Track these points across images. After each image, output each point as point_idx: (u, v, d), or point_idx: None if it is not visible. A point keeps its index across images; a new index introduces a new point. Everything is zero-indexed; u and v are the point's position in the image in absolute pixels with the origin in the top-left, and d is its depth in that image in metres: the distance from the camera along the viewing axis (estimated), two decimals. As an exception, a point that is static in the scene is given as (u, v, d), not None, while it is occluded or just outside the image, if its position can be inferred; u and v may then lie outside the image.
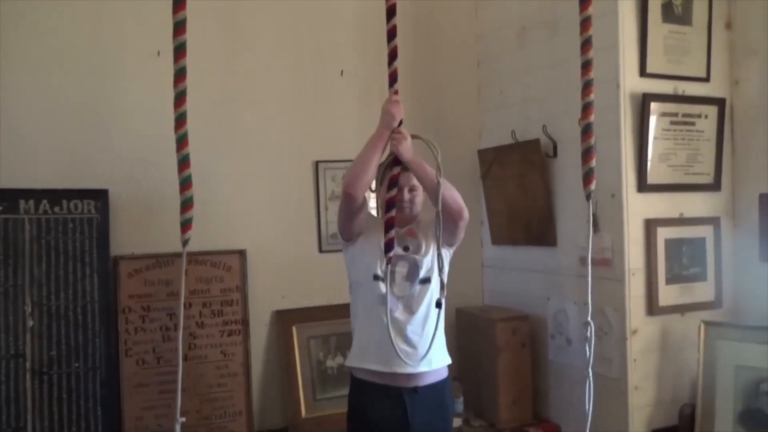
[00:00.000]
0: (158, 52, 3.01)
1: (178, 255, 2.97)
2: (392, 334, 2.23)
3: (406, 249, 2.40)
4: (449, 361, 2.46)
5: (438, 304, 2.25)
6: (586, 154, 1.95)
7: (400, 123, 2.28)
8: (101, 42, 2.98)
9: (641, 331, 2.80)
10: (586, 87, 1.97)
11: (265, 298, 3.22)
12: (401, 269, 2.37)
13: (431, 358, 2.34)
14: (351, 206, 2.31)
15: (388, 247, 2.12)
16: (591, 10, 1.95)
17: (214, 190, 3.08)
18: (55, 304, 2.76)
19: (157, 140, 3.00)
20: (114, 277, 2.90)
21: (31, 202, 2.76)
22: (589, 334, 1.92)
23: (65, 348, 2.75)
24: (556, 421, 3.20)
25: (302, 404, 3.16)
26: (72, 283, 2.80)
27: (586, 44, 1.97)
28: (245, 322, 3.12)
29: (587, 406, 1.87)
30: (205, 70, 2.99)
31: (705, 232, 2.96)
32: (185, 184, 1.83)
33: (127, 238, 2.97)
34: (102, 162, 2.95)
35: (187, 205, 1.81)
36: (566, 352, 3.12)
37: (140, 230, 3.00)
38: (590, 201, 1.94)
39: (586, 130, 1.96)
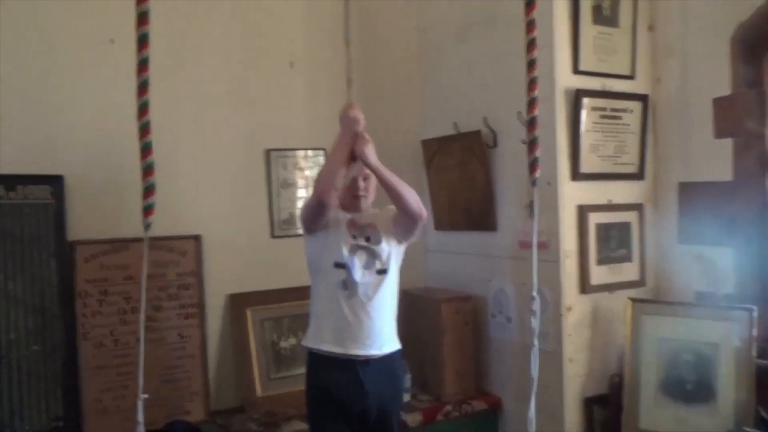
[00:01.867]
0: (112, 40, 3.05)
1: (134, 240, 3.06)
2: (349, 319, 2.44)
3: (367, 239, 2.55)
4: (399, 347, 2.64)
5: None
6: (532, 144, 2.15)
7: None
8: (54, 29, 2.98)
9: (575, 308, 3.04)
10: (532, 84, 2.16)
11: (220, 282, 3.32)
12: (360, 258, 2.53)
13: (382, 343, 2.53)
14: (322, 210, 2.48)
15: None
16: (535, 13, 2.15)
17: (169, 177, 3.11)
18: (13, 288, 2.78)
19: (112, 127, 3.05)
20: (71, 262, 2.93)
21: (-14, 187, 2.77)
22: (534, 306, 2.13)
23: (24, 331, 2.78)
24: (497, 393, 3.43)
25: (257, 384, 3.27)
26: (29, 267, 2.82)
27: (531, 45, 2.16)
28: (201, 305, 3.21)
29: (533, 372, 2.08)
30: (157, 62, 3.01)
31: (630, 217, 3.22)
32: (148, 170, 1.88)
33: (84, 223, 3.00)
34: (57, 148, 2.96)
35: (149, 190, 1.86)
36: (506, 329, 3.34)
37: (96, 215, 3.03)
38: (535, 187, 2.15)
39: (532, 123, 2.16)
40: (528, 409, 2.07)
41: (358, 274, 2.51)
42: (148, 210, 1.83)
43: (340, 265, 2.51)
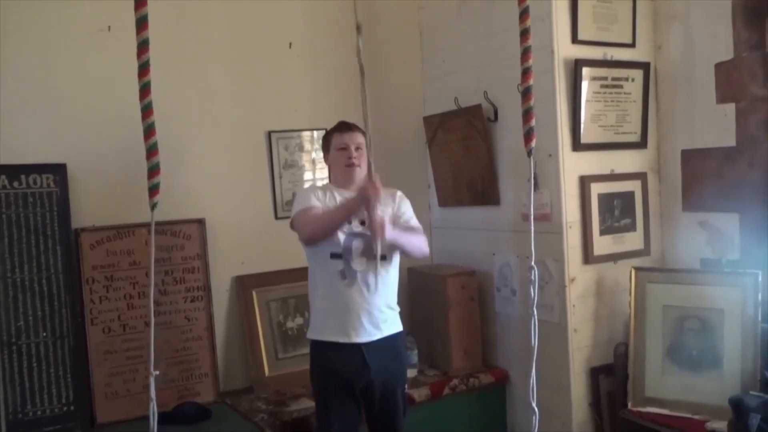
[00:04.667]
0: (109, 27, 3.06)
1: (139, 225, 3.09)
2: (350, 307, 2.47)
3: (362, 223, 2.53)
4: (401, 329, 2.67)
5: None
6: (527, 114, 2.13)
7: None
8: (53, 17, 2.97)
9: (578, 278, 3.04)
10: (525, 53, 2.14)
11: (225, 264, 3.33)
12: (357, 245, 2.52)
13: (385, 327, 2.56)
14: (310, 244, 2.56)
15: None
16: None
17: (172, 161, 3.10)
18: (20, 276, 2.81)
19: (113, 114, 3.07)
20: (76, 249, 2.96)
21: (-10, 178, 2.80)
22: (533, 277, 2.12)
23: (32, 319, 2.81)
24: (504, 366, 3.44)
25: (265, 364, 3.30)
26: (35, 255, 2.85)
27: (524, 14, 2.13)
28: (207, 288, 3.22)
29: (533, 341, 2.08)
30: (157, 45, 3.01)
31: (633, 186, 3.21)
32: (152, 150, 1.89)
33: (88, 210, 3.02)
34: (59, 137, 2.97)
35: (154, 170, 1.86)
36: (511, 302, 3.35)
37: (100, 202, 3.05)
38: (531, 158, 2.13)
39: (526, 93, 2.13)
40: (530, 377, 2.08)
41: (356, 262, 2.51)
42: (153, 190, 1.84)
43: (337, 255, 2.52)
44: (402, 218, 2.68)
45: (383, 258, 2.52)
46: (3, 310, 2.76)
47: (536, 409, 2.00)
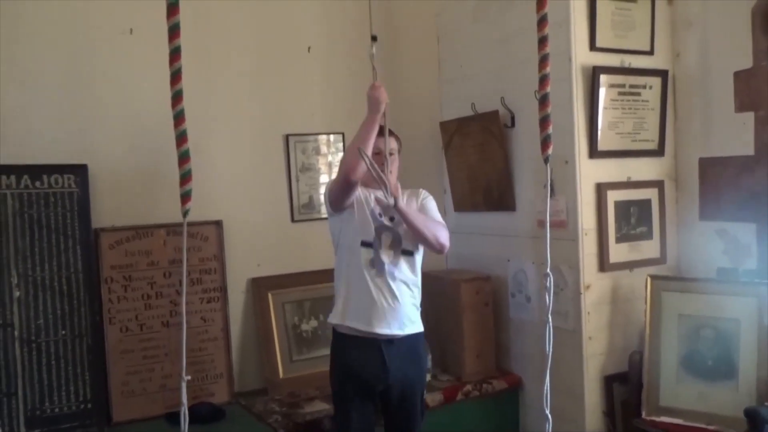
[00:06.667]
0: (131, 30, 3.10)
1: (157, 226, 3.13)
2: (375, 297, 2.48)
3: (391, 219, 2.57)
4: (422, 329, 2.68)
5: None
6: (544, 121, 2.14)
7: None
8: (74, 20, 3.02)
9: (594, 286, 3.04)
10: (543, 61, 2.14)
11: (242, 266, 3.36)
12: (386, 239, 2.56)
13: (406, 324, 2.57)
14: (350, 189, 2.50)
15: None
16: (546, -11, 2.13)
17: (191, 164, 3.18)
18: (40, 275, 2.85)
19: (134, 116, 3.12)
20: (96, 249, 3.00)
21: (13, 177, 2.83)
22: (548, 284, 2.13)
23: (52, 317, 2.85)
24: (517, 372, 3.44)
25: (279, 366, 3.32)
26: (56, 254, 2.89)
27: (542, 21, 2.14)
28: (223, 289, 3.26)
29: (548, 349, 2.08)
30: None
31: (650, 194, 3.20)
32: (184, 158, 1.88)
33: (108, 210, 3.06)
34: (81, 138, 3.02)
35: (186, 178, 1.86)
36: (526, 308, 3.35)
37: (120, 203, 3.09)
38: (548, 165, 2.14)
39: (544, 100, 2.14)
40: (543, 384, 2.08)
41: (384, 254, 2.54)
42: (185, 197, 1.84)
43: (368, 244, 2.54)
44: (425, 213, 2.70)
45: (408, 252, 2.57)
46: (23, 307, 2.80)
47: (549, 416, 2.00)
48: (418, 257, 2.65)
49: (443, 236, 2.61)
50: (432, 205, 2.75)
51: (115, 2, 3.07)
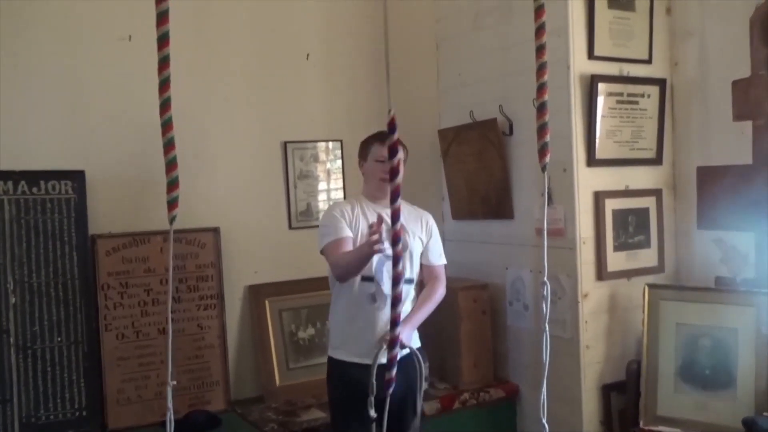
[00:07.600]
0: (129, 37, 3.10)
1: (154, 233, 3.11)
2: (377, 330, 2.49)
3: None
4: (419, 344, 2.70)
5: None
6: (542, 129, 2.13)
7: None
8: (72, 26, 3.02)
9: (591, 294, 3.03)
10: (541, 69, 2.14)
11: (239, 273, 3.36)
12: (389, 269, 2.50)
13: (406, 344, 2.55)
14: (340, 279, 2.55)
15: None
16: (546, -2, 2.13)
17: (188, 170, 3.11)
18: (36, 281, 2.84)
19: (132, 122, 3.11)
20: (92, 255, 2.99)
21: (10, 183, 2.82)
22: (546, 292, 2.12)
23: (47, 323, 2.84)
24: (515, 381, 3.43)
25: (276, 373, 3.31)
26: (52, 261, 2.88)
27: (540, 29, 2.14)
28: (220, 296, 3.25)
29: (545, 358, 2.08)
30: (175, 55, 3.06)
31: (648, 202, 3.20)
32: (171, 165, 1.88)
33: (104, 217, 3.05)
34: (79, 144, 3.01)
35: (173, 184, 1.87)
36: (523, 317, 3.34)
37: (117, 210, 3.09)
38: (546, 173, 2.13)
39: (542, 108, 2.13)
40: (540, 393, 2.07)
41: (387, 285, 2.48)
42: (172, 204, 1.83)
43: (369, 279, 2.52)
44: (429, 254, 2.72)
45: (409, 281, 2.60)
46: (19, 314, 2.80)
47: (546, 426, 1.98)
48: (415, 281, 2.68)
49: (441, 295, 2.73)
50: (438, 242, 2.78)
51: (114, 9, 3.07)
